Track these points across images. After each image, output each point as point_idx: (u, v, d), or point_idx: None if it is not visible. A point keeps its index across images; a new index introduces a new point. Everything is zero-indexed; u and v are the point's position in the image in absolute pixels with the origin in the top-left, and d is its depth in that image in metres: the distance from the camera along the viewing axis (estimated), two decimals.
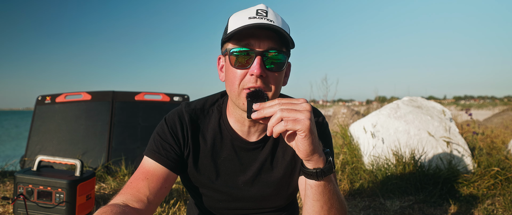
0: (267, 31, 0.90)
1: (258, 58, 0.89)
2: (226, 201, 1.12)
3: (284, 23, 0.96)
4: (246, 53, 0.91)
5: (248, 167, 1.08)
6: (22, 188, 1.86)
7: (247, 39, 0.91)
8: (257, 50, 0.90)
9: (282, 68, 0.94)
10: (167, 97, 3.64)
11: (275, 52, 0.92)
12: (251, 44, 0.91)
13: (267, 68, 0.92)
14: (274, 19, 0.92)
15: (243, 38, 0.91)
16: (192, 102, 1.12)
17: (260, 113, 0.82)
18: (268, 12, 0.94)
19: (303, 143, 0.80)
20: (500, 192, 2.56)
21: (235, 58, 0.92)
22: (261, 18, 0.91)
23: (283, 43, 0.93)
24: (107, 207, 0.86)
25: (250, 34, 0.90)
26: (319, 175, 0.85)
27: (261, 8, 0.94)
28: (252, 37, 0.90)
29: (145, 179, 0.98)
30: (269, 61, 0.92)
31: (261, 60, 0.90)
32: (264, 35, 0.90)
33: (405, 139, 3.02)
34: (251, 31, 0.90)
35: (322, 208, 0.90)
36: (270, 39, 0.91)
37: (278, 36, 0.91)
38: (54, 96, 3.54)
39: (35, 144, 3.30)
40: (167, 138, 1.04)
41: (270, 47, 0.91)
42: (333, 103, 10.07)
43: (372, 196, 2.63)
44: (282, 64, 0.94)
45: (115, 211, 0.82)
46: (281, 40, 0.92)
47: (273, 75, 0.93)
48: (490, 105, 31.92)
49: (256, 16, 0.91)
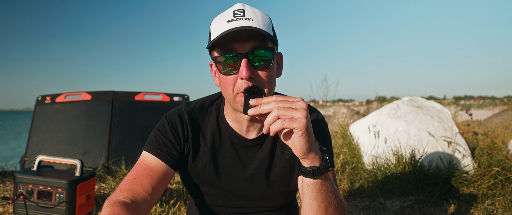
0: (248, 32, 0.89)
1: (244, 61, 0.89)
2: (226, 199, 1.12)
3: (264, 17, 0.94)
4: (231, 58, 0.91)
5: (247, 164, 1.09)
6: (22, 188, 1.86)
7: (229, 44, 0.90)
8: (241, 53, 0.89)
9: (270, 64, 0.93)
10: (167, 97, 3.64)
11: (262, 50, 0.91)
12: (234, 48, 0.90)
13: (256, 67, 0.91)
14: (252, 16, 0.91)
15: (226, 44, 0.90)
16: (192, 102, 1.13)
17: (257, 109, 0.82)
18: (245, 10, 0.92)
19: (299, 141, 0.80)
20: (500, 192, 2.56)
21: (222, 65, 0.92)
22: (239, 19, 0.89)
23: (267, 38, 0.92)
24: (117, 206, 0.83)
25: (231, 39, 0.89)
26: (315, 173, 0.85)
27: (238, 9, 0.93)
28: (234, 41, 0.90)
29: (149, 176, 0.97)
30: (257, 59, 0.91)
31: (247, 63, 0.89)
32: (245, 36, 0.89)
33: (405, 139, 3.02)
34: (231, 36, 0.88)
35: (320, 206, 0.90)
36: (252, 39, 0.90)
37: (260, 33, 0.89)
38: (54, 96, 3.54)
39: (35, 144, 3.31)
40: (168, 135, 1.04)
41: (253, 47, 0.90)
42: (333, 103, 10.07)
43: (372, 196, 2.63)
44: (270, 61, 0.93)
45: (125, 212, 0.81)
46: (264, 36, 0.91)
47: (263, 73, 0.92)
48: (490, 105, 31.92)
49: (233, 18, 0.90)
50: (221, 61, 0.92)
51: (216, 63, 0.94)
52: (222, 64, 0.92)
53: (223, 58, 0.91)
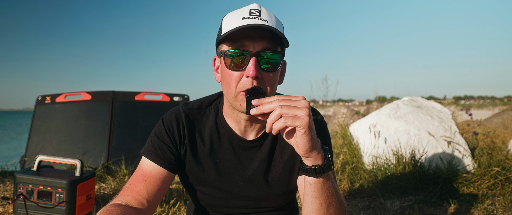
0: (261, 32, 0.89)
1: (253, 60, 0.89)
2: (225, 199, 1.12)
3: (278, 22, 0.95)
4: (240, 54, 0.90)
5: (246, 165, 1.08)
6: (22, 188, 1.86)
7: (241, 40, 0.90)
8: (252, 51, 0.89)
9: (277, 68, 0.94)
10: (167, 97, 3.64)
11: (270, 53, 0.91)
12: (246, 45, 0.90)
13: (263, 68, 0.91)
14: (267, 18, 0.91)
15: (237, 39, 0.90)
16: (190, 102, 1.12)
17: (259, 108, 0.82)
18: (262, 11, 0.92)
19: (302, 140, 0.80)
20: (500, 192, 2.56)
21: (230, 60, 0.92)
22: (255, 18, 0.90)
23: (277, 43, 0.92)
24: (109, 206, 0.86)
25: (244, 35, 0.89)
26: (317, 172, 0.85)
27: (254, 8, 0.93)
28: (246, 38, 0.90)
29: (144, 181, 0.98)
30: (264, 61, 0.91)
31: (256, 61, 0.89)
32: (258, 35, 0.90)
33: (405, 139, 3.02)
34: (245, 32, 0.88)
35: (321, 205, 0.90)
36: (265, 40, 0.90)
37: (272, 36, 0.90)
38: (54, 96, 3.54)
39: (35, 144, 3.31)
40: (164, 138, 1.04)
41: (264, 48, 0.90)
42: (333, 103, 10.07)
43: (372, 196, 2.63)
44: (277, 64, 0.93)
45: (117, 212, 0.83)
46: (276, 40, 0.91)
47: (268, 75, 0.93)
48: (490, 105, 31.92)
49: (249, 16, 0.90)
50: (229, 56, 0.91)
51: (224, 57, 0.93)
52: (230, 58, 0.92)
53: (233, 53, 0.91)
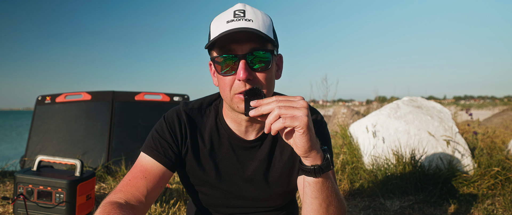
0: (247, 33, 0.88)
1: (242, 63, 0.88)
2: (225, 199, 1.12)
3: (265, 19, 0.93)
4: (229, 59, 0.90)
5: (246, 165, 1.09)
6: (22, 188, 1.86)
7: (228, 44, 0.89)
8: (240, 55, 0.89)
9: (269, 66, 0.93)
10: (167, 97, 3.64)
11: (261, 52, 0.90)
12: (233, 49, 0.89)
13: (256, 68, 0.91)
14: (252, 17, 0.90)
15: (224, 44, 0.90)
16: (190, 102, 1.12)
17: (258, 110, 0.82)
18: (246, 11, 0.91)
19: (301, 140, 0.80)
20: (500, 192, 2.56)
21: (220, 66, 0.92)
22: (239, 20, 0.89)
23: (266, 40, 0.90)
24: (108, 206, 0.85)
25: (230, 39, 0.89)
26: (317, 172, 0.85)
27: (238, 9, 0.92)
28: (233, 42, 0.89)
29: (144, 178, 0.98)
30: (256, 60, 0.90)
31: (245, 64, 0.88)
32: (245, 37, 0.89)
33: (405, 139, 3.02)
34: (230, 36, 0.87)
35: (321, 205, 0.90)
36: (251, 41, 0.89)
37: (259, 35, 0.88)
38: (54, 96, 3.54)
39: (35, 144, 3.31)
40: (166, 136, 1.04)
41: (252, 49, 0.89)
42: (333, 103, 10.06)
43: (372, 196, 2.63)
44: (269, 62, 0.92)
45: (117, 212, 0.82)
46: (264, 37, 0.90)
47: (262, 75, 0.92)
48: (490, 105, 31.93)
49: (233, 18, 0.89)
50: (219, 62, 0.91)
51: (214, 63, 0.94)
52: (220, 64, 0.92)
53: (222, 59, 0.91)
